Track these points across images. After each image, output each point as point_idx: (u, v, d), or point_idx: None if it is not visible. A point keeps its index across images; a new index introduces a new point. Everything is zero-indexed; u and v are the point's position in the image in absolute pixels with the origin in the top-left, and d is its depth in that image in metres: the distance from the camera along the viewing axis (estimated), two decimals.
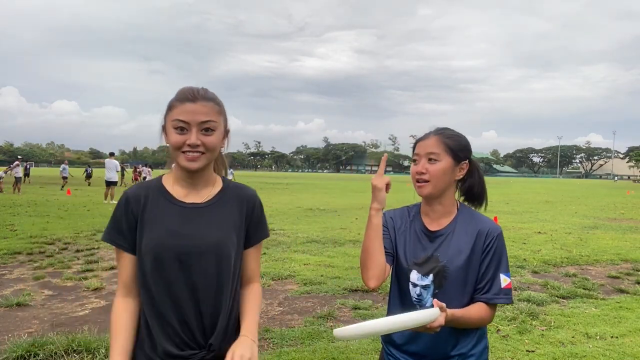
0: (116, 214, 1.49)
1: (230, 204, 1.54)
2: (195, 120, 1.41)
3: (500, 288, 1.63)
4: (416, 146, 1.71)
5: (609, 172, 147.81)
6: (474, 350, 1.70)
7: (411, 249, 1.72)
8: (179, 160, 1.44)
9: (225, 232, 1.49)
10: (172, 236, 1.43)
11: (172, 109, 1.45)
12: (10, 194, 21.18)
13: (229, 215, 1.52)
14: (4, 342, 4.09)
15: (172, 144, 1.44)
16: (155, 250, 1.42)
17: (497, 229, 1.68)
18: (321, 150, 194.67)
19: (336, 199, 23.15)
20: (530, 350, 4.12)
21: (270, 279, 6.49)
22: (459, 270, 1.64)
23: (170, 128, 1.44)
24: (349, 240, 9.85)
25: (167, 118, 1.46)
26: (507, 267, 1.67)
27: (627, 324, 4.84)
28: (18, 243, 8.72)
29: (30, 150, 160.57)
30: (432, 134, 1.69)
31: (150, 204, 1.47)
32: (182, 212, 1.47)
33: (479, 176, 1.77)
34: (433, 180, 1.64)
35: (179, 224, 1.45)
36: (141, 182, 1.57)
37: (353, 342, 4.25)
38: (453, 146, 1.65)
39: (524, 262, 7.90)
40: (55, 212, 14.15)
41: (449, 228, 1.70)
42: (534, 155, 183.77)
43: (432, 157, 1.64)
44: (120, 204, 1.49)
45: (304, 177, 76.06)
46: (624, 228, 12.85)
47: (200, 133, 1.42)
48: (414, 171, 1.69)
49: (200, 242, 1.45)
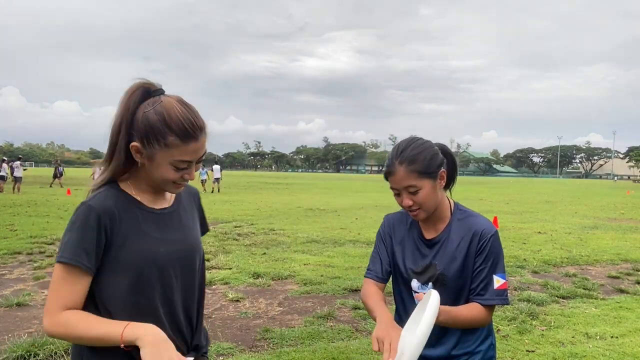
0: (82, 232, 1.28)
1: (187, 203, 1.55)
2: (196, 157, 1.34)
3: (493, 289, 1.63)
4: (389, 181, 1.64)
5: (609, 172, 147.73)
6: (480, 347, 1.71)
7: (410, 257, 1.74)
8: (167, 188, 1.38)
9: (196, 231, 1.53)
10: (162, 244, 1.37)
11: (171, 147, 1.28)
12: (10, 193, 21.19)
13: (192, 215, 1.54)
14: (4, 342, 4.09)
15: (167, 179, 1.33)
16: (151, 260, 1.34)
17: (492, 229, 1.68)
18: (321, 150, 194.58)
19: (336, 199, 23.16)
20: (530, 350, 4.12)
21: (270, 279, 6.49)
22: (455, 276, 1.66)
23: (165, 164, 1.31)
24: (349, 240, 9.85)
25: (161, 153, 1.29)
26: (503, 268, 1.66)
27: (627, 324, 4.85)
28: (18, 243, 8.73)
29: (30, 150, 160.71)
30: (397, 164, 1.59)
31: (124, 216, 1.34)
32: (157, 219, 1.40)
33: (452, 160, 1.74)
34: (423, 206, 1.63)
35: (160, 231, 1.39)
36: (96, 193, 1.35)
37: (353, 342, 4.25)
38: (423, 169, 1.59)
39: (524, 262, 7.90)
40: (55, 212, 14.15)
41: (444, 234, 1.70)
42: (534, 155, 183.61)
43: (411, 190, 1.60)
44: (87, 220, 1.29)
45: (304, 177, 76.08)
46: (624, 228, 12.85)
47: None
48: (401, 205, 1.66)
49: (184, 245, 1.43)
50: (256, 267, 7.03)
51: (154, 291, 1.35)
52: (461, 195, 26.76)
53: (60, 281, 1.28)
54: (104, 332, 1.23)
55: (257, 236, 10.26)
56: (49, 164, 42.52)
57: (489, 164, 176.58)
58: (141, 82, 1.33)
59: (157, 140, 1.28)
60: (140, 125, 1.29)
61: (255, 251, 8.49)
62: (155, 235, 1.37)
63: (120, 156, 1.32)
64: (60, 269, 1.28)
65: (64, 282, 1.28)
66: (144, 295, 1.33)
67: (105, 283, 1.31)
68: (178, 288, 1.41)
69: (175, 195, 1.49)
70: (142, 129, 1.29)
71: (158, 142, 1.28)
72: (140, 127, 1.29)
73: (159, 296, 1.36)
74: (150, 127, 1.28)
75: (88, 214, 1.29)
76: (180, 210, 1.48)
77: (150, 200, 1.41)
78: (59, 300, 1.27)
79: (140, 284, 1.32)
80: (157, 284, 1.35)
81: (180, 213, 1.48)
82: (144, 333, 1.21)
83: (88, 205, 1.31)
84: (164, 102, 1.30)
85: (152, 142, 1.29)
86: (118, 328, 1.22)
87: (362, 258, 7.89)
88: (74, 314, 1.27)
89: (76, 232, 1.29)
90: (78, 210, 1.31)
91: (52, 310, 1.26)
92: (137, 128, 1.30)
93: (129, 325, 1.22)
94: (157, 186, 1.39)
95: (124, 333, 1.21)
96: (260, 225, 12.05)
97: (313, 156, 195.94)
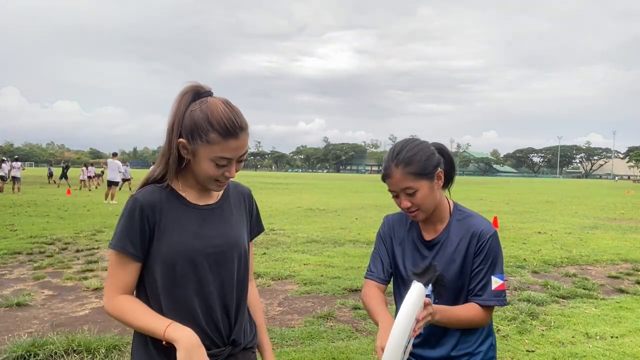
0: (128, 222, 1.40)
1: (235, 201, 1.60)
2: (236, 155, 1.40)
3: (491, 290, 1.62)
4: (387, 183, 1.65)
5: (609, 172, 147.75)
6: (480, 348, 1.71)
7: (410, 259, 1.74)
8: (210, 185, 1.45)
9: (240, 229, 1.57)
10: (198, 238, 1.44)
11: (213, 143, 1.36)
12: (11, 193, 21.19)
13: (238, 212, 1.59)
14: (4, 342, 4.09)
15: (208, 175, 1.41)
16: (185, 254, 1.41)
17: (491, 229, 1.67)
18: (321, 150, 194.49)
19: (336, 199, 23.16)
20: (530, 350, 4.12)
21: (270, 279, 6.49)
22: (454, 278, 1.66)
23: (207, 160, 1.39)
24: (349, 240, 9.85)
25: (203, 149, 1.38)
26: (501, 269, 1.66)
27: (627, 324, 4.85)
28: (18, 243, 8.72)
29: (30, 150, 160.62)
30: (393, 166, 1.60)
31: (166, 210, 1.43)
32: (199, 214, 1.47)
33: (450, 159, 1.74)
34: (422, 207, 1.63)
35: (200, 226, 1.46)
36: (145, 188, 1.46)
37: (353, 342, 4.25)
38: (420, 170, 1.59)
39: (524, 262, 7.91)
40: (55, 212, 14.16)
41: (443, 235, 1.70)
42: (534, 155, 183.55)
43: (409, 192, 1.60)
44: (133, 211, 1.41)
45: (304, 177, 76.07)
46: (624, 228, 12.85)
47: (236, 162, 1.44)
48: (400, 207, 1.67)
49: (223, 241, 1.49)
50: (256, 267, 7.03)
51: (188, 283, 1.41)
52: (461, 195, 26.80)
53: (113, 265, 1.42)
54: (149, 326, 1.35)
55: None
56: (49, 164, 42.47)
57: (489, 164, 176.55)
58: (192, 84, 1.43)
59: (200, 136, 1.37)
60: (187, 122, 1.39)
61: (255, 251, 8.49)
62: (194, 229, 1.44)
63: (173, 153, 1.41)
64: (112, 254, 1.42)
65: (116, 266, 1.42)
66: (178, 286, 1.41)
67: (148, 271, 1.43)
68: (214, 282, 1.45)
69: (223, 193, 1.56)
70: (188, 126, 1.38)
71: (201, 138, 1.37)
72: (186, 125, 1.39)
73: (193, 288, 1.42)
74: (195, 124, 1.37)
75: (133, 205, 1.41)
76: (224, 207, 1.54)
77: (195, 197, 1.49)
78: (113, 284, 1.41)
79: (175, 275, 1.40)
80: (191, 276, 1.41)
81: (224, 209, 1.54)
82: (181, 336, 1.30)
83: (134, 198, 1.43)
84: (209, 102, 1.39)
85: (195, 139, 1.38)
86: (161, 326, 1.33)
87: (362, 258, 7.89)
88: (126, 301, 1.39)
89: (123, 222, 1.41)
90: (128, 202, 1.43)
91: (109, 292, 1.42)
92: (184, 126, 1.39)
93: (171, 326, 1.33)
94: (201, 183, 1.46)
95: (166, 332, 1.32)
96: None
97: (313, 156, 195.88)
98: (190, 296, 1.42)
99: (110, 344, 3.97)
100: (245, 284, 1.58)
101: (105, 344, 3.94)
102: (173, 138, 1.40)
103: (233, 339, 1.51)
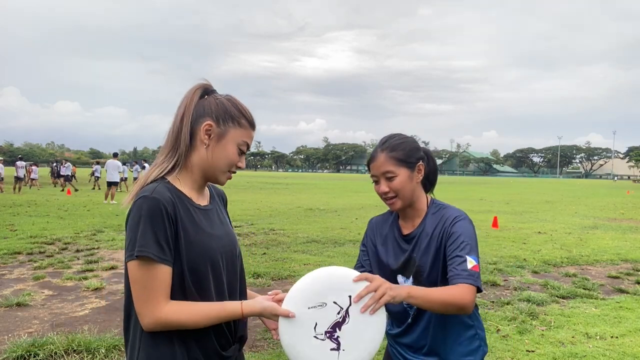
0: (154, 224, 1.30)
1: (219, 201, 1.63)
2: (248, 147, 1.50)
3: (466, 268, 1.56)
4: (370, 168, 1.74)
5: (609, 172, 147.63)
6: (469, 347, 1.76)
7: (392, 254, 1.80)
8: (220, 176, 1.47)
9: (232, 227, 1.62)
10: (213, 239, 1.44)
11: (242, 127, 1.46)
12: (11, 193, 21.19)
13: (225, 212, 1.64)
14: (4, 342, 4.09)
15: (230, 160, 1.45)
16: (206, 254, 1.40)
17: (461, 214, 1.70)
18: (321, 150, 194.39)
19: (336, 199, 23.14)
20: (530, 350, 4.12)
21: (270, 279, 6.49)
22: (431, 268, 1.69)
23: (234, 143, 1.45)
24: (349, 240, 9.85)
25: (234, 131, 1.44)
26: (476, 252, 1.61)
27: (627, 324, 4.84)
28: (18, 243, 8.72)
29: (30, 150, 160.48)
30: (379, 150, 1.71)
31: (181, 209, 1.38)
32: (204, 214, 1.47)
33: (433, 163, 1.83)
34: (399, 194, 1.70)
35: (210, 227, 1.46)
36: (154, 186, 1.36)
37: None
38: (402, 157, 1.68)
39: (524, 262, 7.90)
40: (55, 212, 14.15)
41: (419, 228, 1.75)
42: (534, 155, 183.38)
43: (388, 175, 1.68)
44: (157, 213, 1.30)
45: (304, 177, 76.02)
46: (624, 228, 12.85)
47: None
48: (378, 192, 1.74)
49: (228, 241, 1.51)
50: (256, 267, 7.02)
51: (209, 283, 1.41)
52: (461, 195, 26.80)
53: (146, 276, 1.30)
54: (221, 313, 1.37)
55: (257, 236, 10.25)
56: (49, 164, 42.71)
57: (489, 164, 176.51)
58: (202, 83, 1.49)
59: (232, 119, 1.44)
60: (214, 107, 1.44)
61: (255, 251, 8.49)
62: (207, 230, 1.45)
63: (186, 141, 1.42)
64: (140, 264, 1.29)
65: (150, 277, 1.30)
66: (202, 287, 1.40)
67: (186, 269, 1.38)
68: (225, 281, 1.48)
69: (210, 194, 1.58)
70: (215, 110, 1.43)
71: (232, 120, 1.44)
72: (213, 109, 1.43)
73: (214, 288, 1.43)
74: (226, 109, 1.44)
75: (156, 206, 1.31)
76: (216, 208, 1.57)
77: (195, 197, 1.48)
78: (154, 297, 1.30)
79: (199, 276, 1.39)
80: (210, 276, 1.42)
81: (217, 210, 1.57)
82: (260, 308, 1.41)
83: (152, 198, 1.32)
84: (229, 96, 1.49)
85: (227, 121, 1.43)
86: (235, 307, 1.39)
87: None
88: (177, 305, 1.33)
89: (147, 226, 1.29)
90: (143, 204, 1.31)
91: (152, 306, 1.30)
92: (208, 111, 1.43)
93: (243, 303, 1.40)
94: (211, 175, 1.46)
95: (244, 310, 1.39)
96: (260, 225, 12.05)
97: (313, 156, 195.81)
98: (212, 297, 1.41)
99: (110, 344, 3.97)
100: (244, 280, 1.61)
101: (105, 344, 3.94)
102: (184, 127, 1.42)
103: (240, 335, 1.54)
